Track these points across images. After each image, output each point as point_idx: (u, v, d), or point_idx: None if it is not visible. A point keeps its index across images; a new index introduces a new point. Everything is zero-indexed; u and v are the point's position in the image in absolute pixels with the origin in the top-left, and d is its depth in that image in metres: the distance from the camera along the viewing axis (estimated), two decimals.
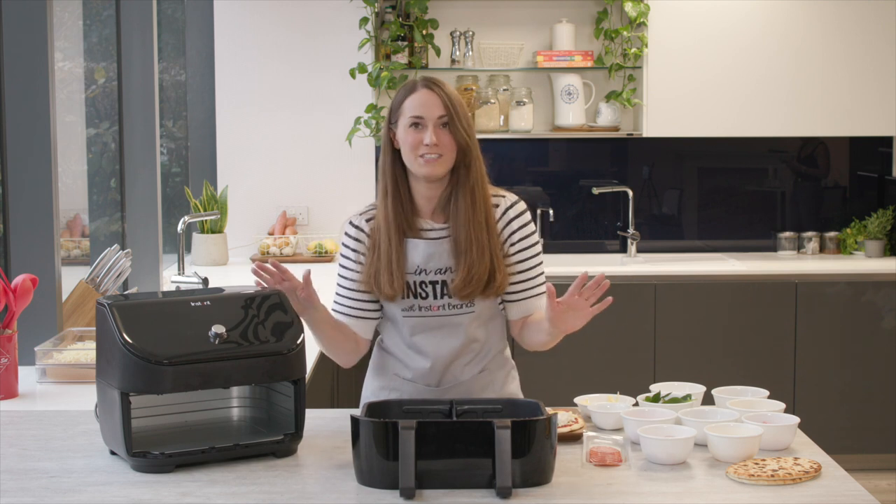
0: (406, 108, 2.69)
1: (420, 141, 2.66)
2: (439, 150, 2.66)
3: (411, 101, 2.68)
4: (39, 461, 2.43)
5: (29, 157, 3.32)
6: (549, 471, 2.26)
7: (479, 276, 2.69)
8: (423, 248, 2.73)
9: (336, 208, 5.81)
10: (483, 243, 2.69)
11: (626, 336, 5.35)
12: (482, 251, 2.69)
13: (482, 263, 2.69)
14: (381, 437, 2.21)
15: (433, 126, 2.66)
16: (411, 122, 2.67)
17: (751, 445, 2.39)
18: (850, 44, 5.60)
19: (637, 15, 5.51)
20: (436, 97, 2.67)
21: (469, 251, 2.68)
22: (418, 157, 2.67)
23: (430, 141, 2.64)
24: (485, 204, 2.72)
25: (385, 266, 2.71)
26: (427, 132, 2.65)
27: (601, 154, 5.96)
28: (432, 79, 2.73)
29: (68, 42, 4.42)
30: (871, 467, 5.36)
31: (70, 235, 4.34)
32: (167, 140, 5.84)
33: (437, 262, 2.73)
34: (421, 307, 2.75)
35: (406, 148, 2.68)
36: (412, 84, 2.72)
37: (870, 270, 5.43)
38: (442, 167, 2.68)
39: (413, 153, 2.67)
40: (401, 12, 5.64)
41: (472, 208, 2.70)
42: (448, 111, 2.67)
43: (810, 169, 6.04)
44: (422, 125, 2.66)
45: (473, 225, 2.69)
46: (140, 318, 2.38)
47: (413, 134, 2.67)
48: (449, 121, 2.67)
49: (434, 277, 2.73)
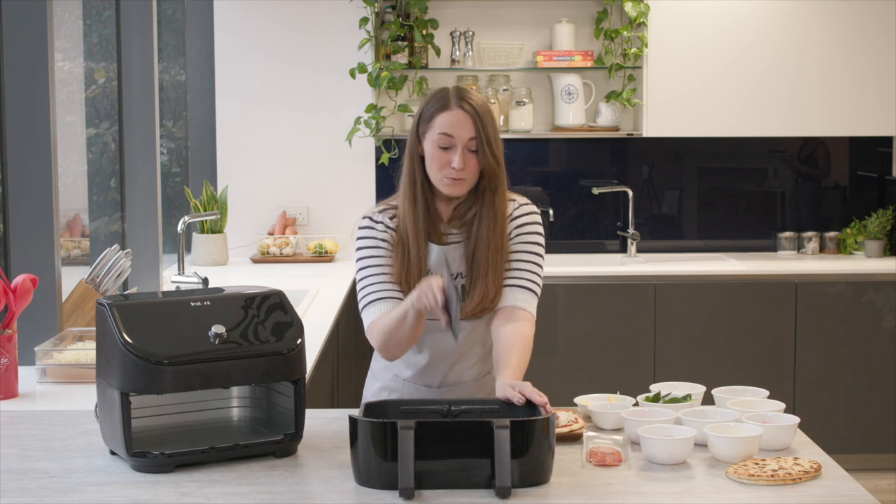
0: (437, 124, 2.65)
1: (448, 162, 2.64)
2: (464, 173, 2.64)
3: (443, 119, 2.64)
4: (39, 461, 2.43)
5: (29, 157, 3.32)
6: (547, 470, 2.26)
7: (491, 298, 2.70)
8: (436, 253, 2.73)
9: (336, 208, 5.81)
10: (498, 268, 2.70)
11: (626, 336, 5.35)
12: (497, 275, 2.70)
13: (495, 287, 2.70)
14: (379, 437, 2.21)
15: (462, 148, 2.63)
16: (441, 142, 2.64)
17: (751, 445, 2.39)
18: (850, 44, 5.60)
19: (637, 15, 5.51)
20: (468, 119, 2.63)
21: (486, 276, 2.69)
22: (444, 177, 2.65)
23: (458, 166, 2.62)
24: (503, 224, 2.72)
25: (416, 272, 2.69)
26: (456, 156, 2.63)
27: (601, 154, 5.96)
28: (464, 94, 2.67)
29: (68, 42, 4.42)
30: (871, 467, 5.36)
31: (70, 235, 4.34)
32: (167, 140, 5.84)
33: (449, 268, 2.73)
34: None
35: (432, 165, 2.66)
36: (445, 97, 2.67)
37: (870, 270, 5.44)
38: (465, 188, 2.68)
39: (439, 172, 2.65)
40: (401, 12, 5.64)
41: (494, 232, 2.69)
42: (478, 135, 2.63)
43: (810, 169, 6.04)
44: (451, 146, 2.64)
45: (492, 249, 2.69)
46: (140, 318, 2.38)
47: (441, 155, 2.64)
48: (478, 147, 2.64)
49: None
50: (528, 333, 2.69)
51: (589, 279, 5.37)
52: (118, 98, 4.44)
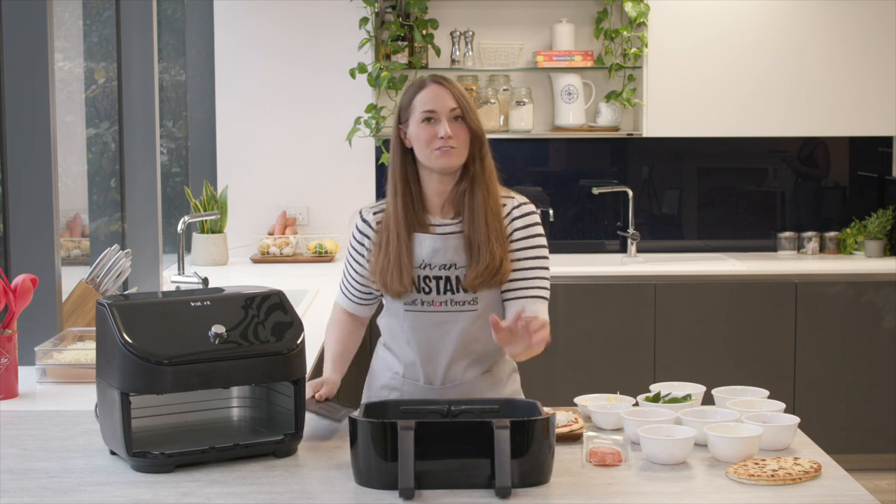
0: (417, 104, 2.71)
1: (435, 134, 2.68)
2: (454, 141, 2.69)
3: (422, 96, 2.71)
4: (39, 461, 2.43)
5: (29, 157, 3.32)
6: (547, 470, 2.27)
7: (493, 266, 2.72)
8: (430, 243, 2.74)
9: (336, 208, 5.81)
10: (498, 233, 2.73)
11: (626, 336, 5.35)
12: (498, 241, 2.72)
13: (497, 254, 2.72)
14: (379, 437, 2.21)
15: (446, 119, 2.69)
16: (424, 116, 2.69)
17: (751, 445, 2.39)
18: (850, 44, 5.60)
19: (637, 15, 5.51)
20: (446, 91, 2.71)
21: (488, 241, 2.71)
22: (434, 150, 2.69)
23: (444, 133, 2.67)
24: (496, 196, 2.77)
25: (394, 264, 2.73)
26: (441, 125, 2.68)
27: (601, 154, 5.96)
28: (439, 75, 2.77)
29: (68, 42, 4.42)
30: (871, 467, 5.36)
31: (70, 235, 4.34)
32: (167, 140, 5.84)
33: (443, 258, 2.74)
34: (423, 302, 2.75)
35: (420, 143, 2.70)
36: (420, 82, 2.75)
37: (870, 270, 5.43)
38: (458, 158, 2.71)
39: (428, 147, 2.69)
40: (401, 12, 5.64)
41: (488, 201, 2.74)
42: (459, 103, 2.70)
43: (810, 169, 6.04)
44: (435, 119, 2.69)
45: (489, 217, 2.72)
46: (140, 318, 2.38)
47: (427, 128, 2.69)
48: (462, 113, 2.70)
49: (438, 273, 2.74)
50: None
51: (589, 279, 5.37)
52: (118, 98, 4.44)
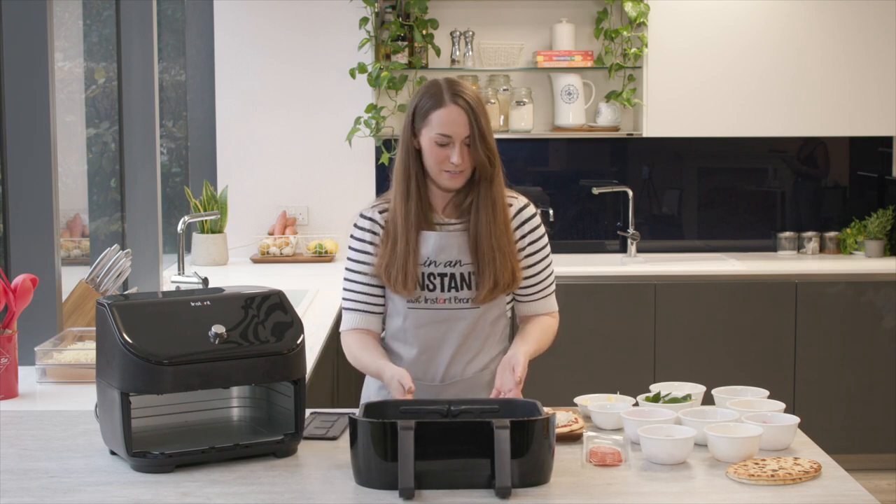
0: (433, 121, 2.70)
1: (446, 158, 2.70)
2: (462, 167, 2.71)
3: (439, 116, 2.69)
4: (39, 461, 2.43)
5: (29, 157, 3.32)
6: (547, 470, 2.27)
7: (504, 281, 2.76)
8: (435, 241, 2.76)
9: (336, 208, 5.81)
10: (505, 250, 2.76)
11: (626, 336, 5.35)
12: (504, 258, 2.76)
13: (506, 269, 2.76)
14: (379, 437, 2.21)
15: (459, 145, 2.69)
16: (438, 140, 2.70)
17: (751, 445, 2.39)
18: (850, 44, 5.60)
19: (637, 15, 5.51)
20: (464, 116, 2.69)
21: (493, 261, 2.74)
22: (443, 171, 2.72)
23: (457, 161, 2.69)
24: (503, 209, 2.78)
25: (401, 263, 2.74)
26: (454, 151, 2.69)
27: (601, 154, 5.96)
28: (457, 88, 2.72)
29: (68, 42, 4.42)
30: (871, 467, 5.36)
31: (70, 235, 4.34)
32: (167, 140, 5.84)
33: (448, 255, 2.76)
34: (427, 299, 2.77)
35: (430, 160, 2.72)
36: (439, 93, 2.71)
37: (870, 270, 5.43)
38: (463, 180, 2.75)
39: (438, 167, 2.72)
40: (401, 12, 5.64)
41: (494, 218, 2.76)
42: (472, 131, 2.69)
43: (810, 169, 6.04)
44: (449, 144, 2.70)
45: (495, 234, 2.75)
46: (140, 318, 2.38)
47: (439, 151, 2.70)
48: (472, 143, 2.70)
49: (443, 270, 2.76)
50: (550, 321, 2.90)
51: (589, 279, 5.37)
52: (118, 98, 4.44)
